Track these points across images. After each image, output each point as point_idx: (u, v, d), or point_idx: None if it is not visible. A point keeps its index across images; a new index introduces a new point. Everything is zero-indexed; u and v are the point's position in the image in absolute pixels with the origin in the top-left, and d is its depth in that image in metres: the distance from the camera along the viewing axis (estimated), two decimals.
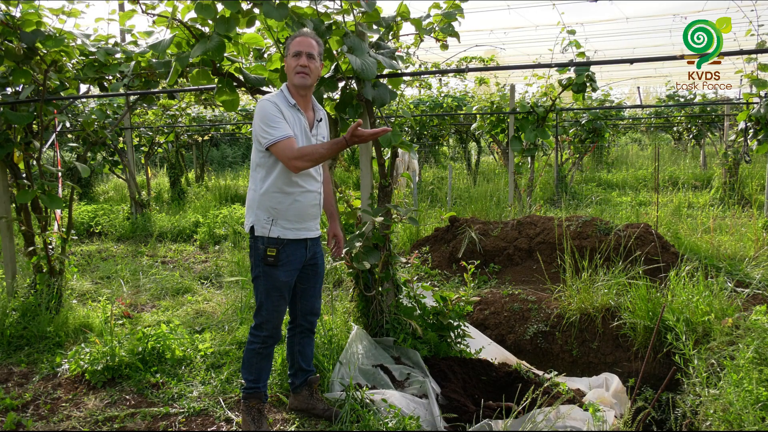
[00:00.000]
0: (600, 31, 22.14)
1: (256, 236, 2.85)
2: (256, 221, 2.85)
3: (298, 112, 2.86)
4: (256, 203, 2.86)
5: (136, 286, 5.91)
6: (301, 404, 3.17)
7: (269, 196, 2.82)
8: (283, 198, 2.83)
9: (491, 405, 3.24)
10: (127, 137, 9.82)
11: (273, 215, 2.83)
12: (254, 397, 2.99)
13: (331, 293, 4.70)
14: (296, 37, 2.86)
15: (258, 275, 2.88)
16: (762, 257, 5.49)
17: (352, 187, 6.88)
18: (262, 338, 2.93)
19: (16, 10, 4.07)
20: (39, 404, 3.41)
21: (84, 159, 5.19)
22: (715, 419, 2.94)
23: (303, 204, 2.88)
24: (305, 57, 2.81)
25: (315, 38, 2.89)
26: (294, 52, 2.82)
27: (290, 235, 2.85)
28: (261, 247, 2.84)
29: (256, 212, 2.85)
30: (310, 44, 2.83)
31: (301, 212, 2.87)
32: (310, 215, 2.93)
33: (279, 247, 2.82)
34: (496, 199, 8.95)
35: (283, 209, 2.83)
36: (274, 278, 2.85)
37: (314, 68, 2.85)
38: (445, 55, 14.46)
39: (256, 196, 2.86)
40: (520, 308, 4.77)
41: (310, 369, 3.19)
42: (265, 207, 2.83)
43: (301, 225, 2.89)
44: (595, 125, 11.24)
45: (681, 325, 3.71)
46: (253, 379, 2.98)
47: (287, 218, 2.84)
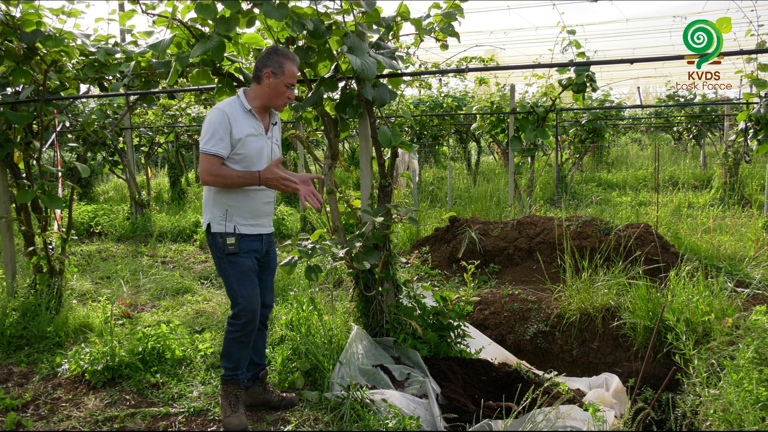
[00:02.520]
0: (600, 31, 22.16)
1: (213, 233, 2.97)
2: (212, 218, 2.97)
3: (254, 117, 2.98)
4: (211, 201, 2.99)
5: (136, 286, 5.92)
6: (255, 400, 3.26)
7: (224, 194, 2.96)
8: (237, 196, 2.96)
9: (491, 405, 3.24)
10: (127, 137, 9.82)
11: (228, 212, 2.95)
12: (233, 383, 3.09)
13: (331, 293, 4.71)
14: (291, 63, 2.96)
15: (224, 267, 3.00)
16: (762, 257, 5.49)
17: (352, 187, 6.87)
18: (240, 326, 3.02)
19: (16, 10, 4.07)
20: (39, 404, 3.41)
21: (84, 159, 5.19)
22: (715, 419, 2.94)
23: (256, 201, 3.02)
24: (293, 90, 3.00)
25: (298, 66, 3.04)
26: (289, 83, 2.96)
27: (245, 230, 3.00)
28: (219, 240, 2.96)
29: (212, 210, 2.98)
30: (296, 76, 3.01)
31: (254, 209, 3.01)
32: (263, 212, 3.07)
33: (237, 237, 2.96)
34: (496, 199, 8.94)
35: (237, 206, 2.96)
36: (240, 264, 2.97)
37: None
38: (445, 55, 14.47)
39: (211, 195, 3.00)
40: (520, 308, 4.77)
41: (261, 363, 3.29)
42: (220, 205, 2.96)
43: (255, 221, 3.04)
44: (595, 125, 11.24)
45: (681, 325, 3.71)
46: (233, 366, 3.08)
47: (242, 215, 2.98)
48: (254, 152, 2.95)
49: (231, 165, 2.92)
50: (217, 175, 2.85)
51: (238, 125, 2.89)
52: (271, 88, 2.94)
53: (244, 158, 2.93)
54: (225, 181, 2.87)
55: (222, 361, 3.11)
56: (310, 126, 4.29)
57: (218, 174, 2.85)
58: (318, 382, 3.46)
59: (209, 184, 2.91)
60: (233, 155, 2.91)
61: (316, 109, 3.77)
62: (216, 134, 2.84)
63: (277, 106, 3.04)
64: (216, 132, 2.85)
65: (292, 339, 3.74)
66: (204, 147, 2.85)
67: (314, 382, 3.49)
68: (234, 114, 2.91)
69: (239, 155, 2.91)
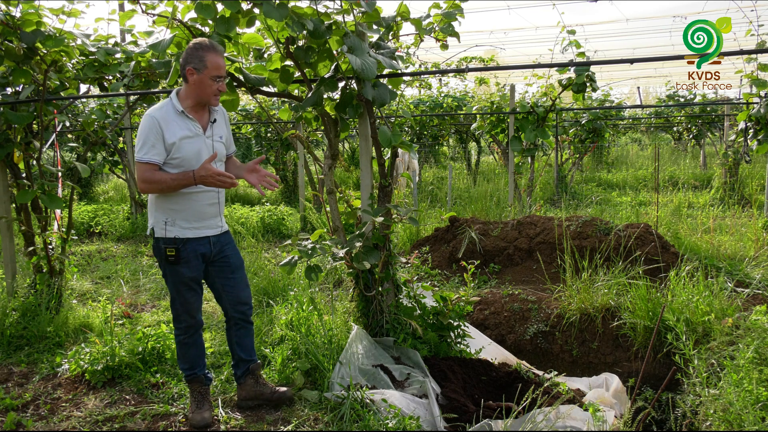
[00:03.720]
0: (600, 31, 22.17)
1: (156, 237, 2.97)
2: (155, 223, 2.96)
3: (187, 118, 2.92)
4: (154, 206, 2.98)
5: (136, 286, 5.92)
6: (248, 393, 3.28)
7: (165, 199, 2.93)
8: (178, 199, 2.92)
9: (491, 405, 3.24)
10: (127, 137, 9.82)
11: (170, 216, 2.93)
12: (195, 382, 3.18)
13: (331, 293, 4.71)
14: (212, 54, 2.87)
15: (165, 273, 3.04)
16: (762, 257, 5.49)
17: (352, 187, 6.87)
18: (183, 329, 3.12)
19: (16, 10, 4.07)
20: (39, 404, 3.42)
21: (84, 159, 5.19)
22: (715, 419, 2.94)
23: (199, 204, 2.97)
24: (223, 81, 2.92)
25: (223, 56, 2.96)
26: (215, 76, 2.88)
27: (189, 234, 2.96)
28: (162, 246, 2.95)
29: (155, 215, 2.97)
30: (224, 66, 2.92)
31: (197, 212, 2.97)
32: (208, 214, 3.02)
33: (178, 245, 2.93)
34: (496, 199, 8.94)
35: (179, 210, 2.94)
36: (179, 274, 2.99)
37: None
38: (445, 55, 14.48)
39: (153, 199, 2.98)
40: (520, 308, 4.77)
41: (250, 359, 3.30)
42: (163, 209, 2.94)
43: (199, 224, 3.00)
44: (595, 125, 11.24)
45: (681, 325, 3.71)
46: (188, 366, 3.17)
47: (185, 218, 2.95)
48: (192, 154, 2.89)
49: (170, 170, 2.86)
50: (151, 181, 2.82)
51: (169, 129, 2.85)
52: (197, 85, 2.88)
53: (182, 161, 2.87)
54: (161, 186, 2.83)
55: (179, 363, 3.22)
56: (310, 126, 4.29)
57: (152, 180, 2.82)
58: (318, 382, 3.46)
59: (145, 191, 2.90)
60: (170, 160, 2.86)
61: (316, 109, 3.77)
62: (147, 141, 2.82)
63: (209, 101, 2.95)
64: (147, 139, 2.82)
65: (292, 339, 3.74)
66: (137, 155, 2.82)
67: (314, 382, 3.49)
68: (165, 118, 2.86)
69: (176, 159, 2.86)
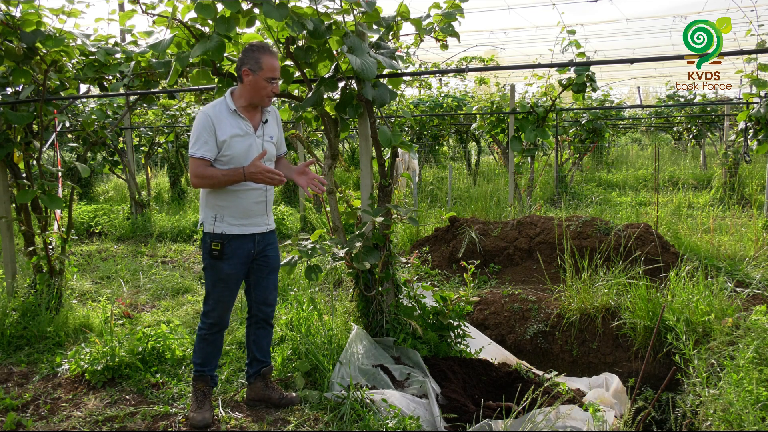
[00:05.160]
0: (600, 31, 22.18)
1: (205, 232, 3.06)
2: (204, 218, 3.06)
3: (239, 117, 2.99)
4: (205, 202, 3.07)
5: (136, 286, 5.92)
6: (256, 395, 3.31)
7: (214, 195, 3.02)
8: (226, 196, 3.00)
9: (491, 405, 3.24)
10: (127, 137, 9.82)
11: (219, 212, 3.01)
12: (201, 380, 3.18)
13: (331, 293, 4.71)
14: (268, 56, 2.93)
15: (206, 267, 3.10)
16: (762, 257, 5.49)
17: (352, 187, 6.86)
18: (208, 325, 3.13)
19: (16, 10, 4.07)
20: (39, 404, 3.41)
21: (84, 159, 5.19)
22: (715, 419, 2.94)
23: (246, 201, 3.04)
24: (277, 83, 2.98)
25: (278, 58, 3.03)
26: (270, 78, 2.93)
27: (235, 230, 3.03)
28: (208, 241, 3.03)
29: (205, 210, 3.07)
30: (278, 68, 2.98)
31: (245, 209, 3.04)
32: (255, 212, 3.08)
33: (223, 241, 3.01)
34: (496, 199, 8.94)
35: (227, 206, 3.01)
36: (219, 270, 3.04)
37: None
38: (445, 55, 14.48)
39: (204, 195, 3.07)
40: (520, 308, 4.77)
41: (264, 360, 3.32)
42: (212, 205, 3.03)
43: (246, 221, 3.06)
44: (595, 125, 11.24)
45: (681, 325, 3.71)
46: (200, 362, 3.17)
47: (232, 215, 3.02)
48: (241, 152, 2.96)
49: (220, 167, 2.95)
50: (203, 176, 2.91)
51: (222, 127, 2.92)
52: (252, 85, 2.94)
53: (231, 159, 2.95)
54: (211, 181, 2.92)
55: (192, 357, 3.23)
56: (310, 126, 4.29)
57: (203, 175, 2.91)
58: (318, 382, 3.46)
59: (197, 186, 2.98)
60: (221, 157, 2.95)
61: (316, 109, 3.77)
62: (200, 138, 2.90)
63: (262, 102, 3.02)
64: (200, 135, 2.90)
65: (292, 339, 3.74)
66: (190, 151, 2.93)
67: (314, 382, 3.49)
68: (218, 116, 2.94)
69: (226, 156, 2.95)
